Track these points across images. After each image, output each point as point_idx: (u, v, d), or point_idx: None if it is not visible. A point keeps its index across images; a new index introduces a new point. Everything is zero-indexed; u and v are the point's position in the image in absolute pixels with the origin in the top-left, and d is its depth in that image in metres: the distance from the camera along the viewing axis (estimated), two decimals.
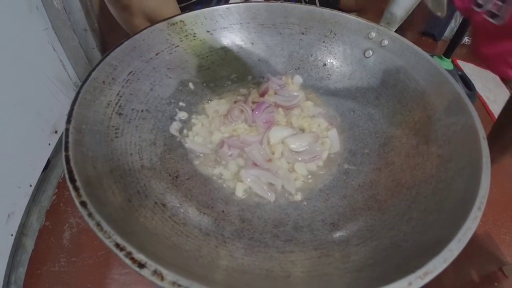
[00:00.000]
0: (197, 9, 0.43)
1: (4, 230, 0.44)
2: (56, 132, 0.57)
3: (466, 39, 0.98)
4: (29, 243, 0.49)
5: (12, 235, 0.45)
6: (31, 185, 0.50)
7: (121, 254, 0.19)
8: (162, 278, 0.18)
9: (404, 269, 0.20)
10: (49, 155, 0.56)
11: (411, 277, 0.20)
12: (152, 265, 0.18)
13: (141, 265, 0.18)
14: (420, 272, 0.20)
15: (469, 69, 0.91)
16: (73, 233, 0.51)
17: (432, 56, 0.39)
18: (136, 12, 0.49)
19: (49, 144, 0.55)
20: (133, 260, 0.19)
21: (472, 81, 0.85)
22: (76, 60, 0.65)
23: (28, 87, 0.51)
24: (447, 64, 0.91)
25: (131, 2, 0.47)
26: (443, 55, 0.92)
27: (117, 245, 0.19)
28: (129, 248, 0.19)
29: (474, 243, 0.23)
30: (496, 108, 0.84)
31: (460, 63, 0.91)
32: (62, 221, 0.52)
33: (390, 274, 0.21)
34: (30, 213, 0.51)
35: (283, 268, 0.25)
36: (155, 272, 0.18)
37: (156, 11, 0.48)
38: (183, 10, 0.45)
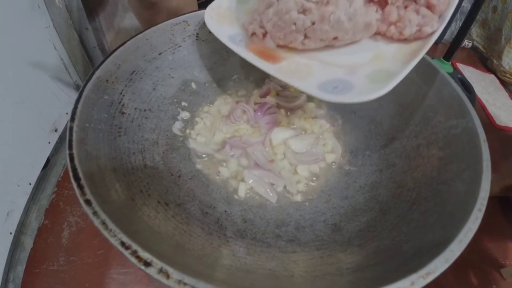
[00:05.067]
0: None
1: (3, 229, 0.44)
2: (56, 130, 0.56)
3: (466, 42, 0.98)
4: (28, 242, 0.48)
5: (11, 233, 0.45)
6: (30, 184, 0.50)
7: (126, 253, 0.19)
8: (168, 276, 0.18)
9: (406, 269, 0.21)
10: (48, 153, 0.55)
11: (414, 277, 0.20)
12: (157, 263, 0.18)
13: (147, 264, 0.18)
14: (422, 272, 0.20)
15: (468, 72, 0.91)
16: (72, 232, 0.51)
17: (432, 59, 0.39)
18: (161, 10, 0.49)
19: (49, 142, 0.55)
20: (139, 258, 0.19)
21: (471, 84, 0.85)
22: (77, 59, 0.65)
23: (29, 85, 0.50)
24: (447, 67, 0.91)
25: (159, 0, 0.48)
26: (443, 58, 0.92)
27: (123, 244, 0.19)
28: (135, 246, 0.19)
29: (472, 245, 0.23)
30: (495, 111, 0.84)
31: (460, 66, 0.92)
32: (61, 220, 0.52)
33: (392, 274, 0.21)
34: (29, 211, 0.51)
35: (286, 268, 0.25)
36: (160, 271, 0.18)
37: (181, 10, 0.49)
38: (200, 7, 0.45)
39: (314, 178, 0.36)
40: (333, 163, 0.38)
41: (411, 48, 0.30)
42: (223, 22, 0.36)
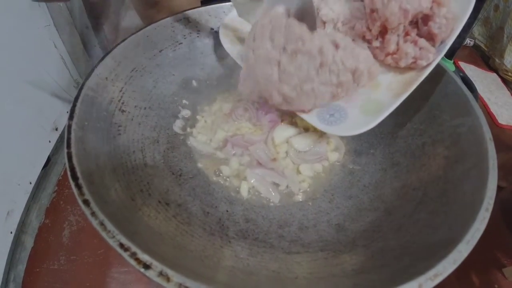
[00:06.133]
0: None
1: (3, 228, 0.44)
2: (56, 129, 0.56)
3: (468, 41, 0.98)
4: (29, 241, 0.48)
5: (11, 232, 0.45)
6: (30, 183, 0.50)
7: (125, 255, 0.18)
8: (168, 279, 0.17)
9: (413, 271, 0.20)
10: (49, 152, 0.55)
11: (421, 279, 0.19)
12: (157, 266, 0.18)
13: (147, 266, 0.18)
14: (430, 274, 0.19)
15: (470, 70, 0.91)
16: (72, 231, 0.51)
17: None
18: (164, 9, 0.49)
19: (50, 141, 0.55)
20: (138, 261, 0.18)
21: (473, 82, 0.84)
22: (77, 58, 0.64)
23: (29, 84, 0.50)
24: (449, 65, 0.90)
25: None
26: (445, 56, 0.92)
27: (122, 245, 0.19)
28: (134, 248, 0.18)
29: (474, 245, 0.23)
30: (497, 110, 0.83)
31: (462, 64, 0.91)
32: (62, 219, 0.52)
33: (400, 276, 0.20)
34: (30, 210, 0.51)
35: (289, 269, 0.24)
36: (160, 274, 0.18)
37: (184, 8, 0.48)
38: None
39: (317, 177, 0.36)
40: (337, 162, 0.37)
41: (405, 78, 0.32)
42: (238, 39, 0.38)
